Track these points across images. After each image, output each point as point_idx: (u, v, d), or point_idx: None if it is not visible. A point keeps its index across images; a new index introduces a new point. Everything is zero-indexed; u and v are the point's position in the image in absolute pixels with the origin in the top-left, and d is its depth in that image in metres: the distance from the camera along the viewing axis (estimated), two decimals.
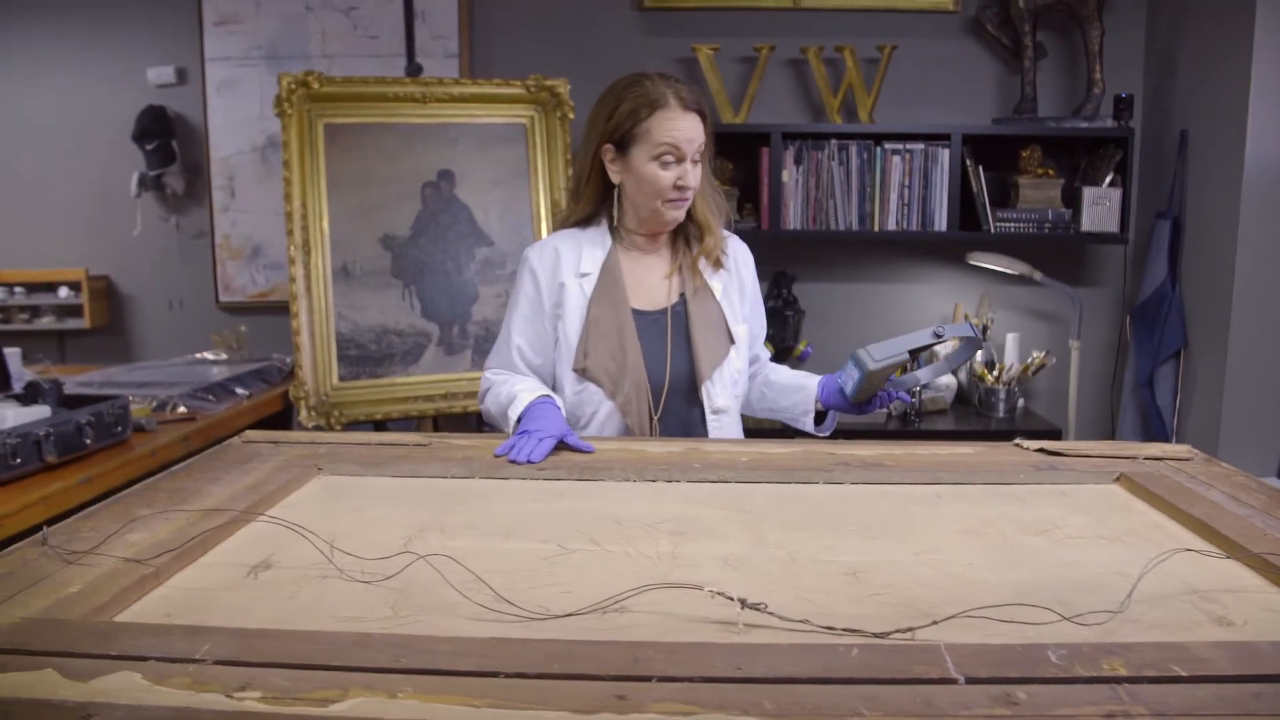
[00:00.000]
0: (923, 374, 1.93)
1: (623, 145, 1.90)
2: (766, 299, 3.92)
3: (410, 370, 3.27)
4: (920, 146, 3.60)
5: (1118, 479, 1.59)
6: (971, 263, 3.67)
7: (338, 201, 3.20)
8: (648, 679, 0.84)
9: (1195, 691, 0.85)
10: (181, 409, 2.76)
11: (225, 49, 3.94)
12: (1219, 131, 3.29)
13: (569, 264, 1.98)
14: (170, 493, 1.45)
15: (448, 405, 3.27)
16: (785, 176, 3.58)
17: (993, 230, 3.61)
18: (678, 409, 1.96)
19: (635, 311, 1.96)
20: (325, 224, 3.17)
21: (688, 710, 0.79)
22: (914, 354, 1.78)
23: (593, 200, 2.01)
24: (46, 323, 4.08)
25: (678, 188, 1.88)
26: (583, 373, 1.93)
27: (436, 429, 3.45)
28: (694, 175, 1.89)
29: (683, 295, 1.99)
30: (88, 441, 2.26)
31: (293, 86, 3.12)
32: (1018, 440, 1.81)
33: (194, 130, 4.02)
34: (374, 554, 1.16)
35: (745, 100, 3.69)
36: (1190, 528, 1.36)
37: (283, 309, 3.49)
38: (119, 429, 2.38)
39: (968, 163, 3.59)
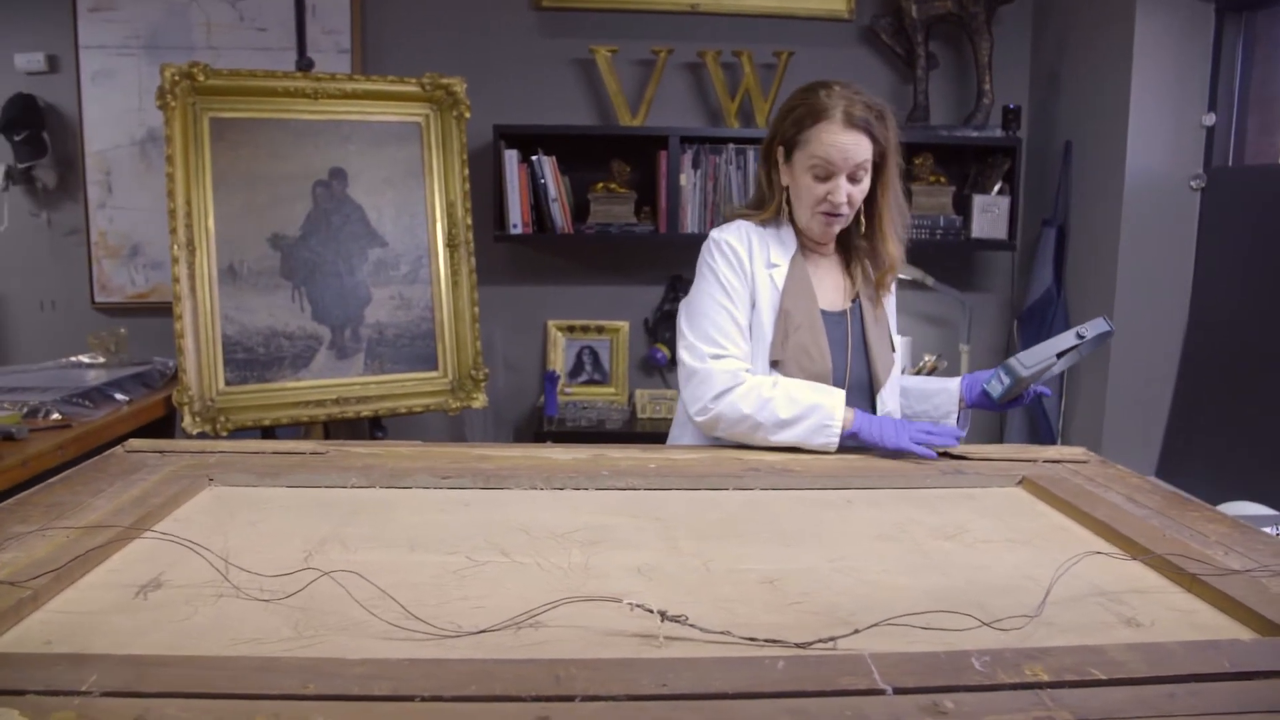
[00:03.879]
0: (1057, 365, 1.92)
1: (789, 150, 1.88)
2: (663, 303, 3.93)
3: (300, 374, 3.15)
4: None
5: (1020, 482, 1.63)
6: None
7: (224, 199, 3.06)
8: (570, 698, 0.81)
9: (1114, 694, 0.87)
10: (55, 415, 2.60)
11: (100, 36, 3.74)
12: (1101, 142, 3.42)
13: (760, 254, 1.93)
14: (46, 507, 1.36)
15: (339, 410, 3.17)
16: (683, 180, 3.58)
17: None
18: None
19: (821, 311, 1.94)
20: (210, 222, 3.03)
21: None
22: (1059, 355, 1.83)
23: (780, 199, 1.95)
24: None
25: (828, 201, 1.84)
26: (777, 365, 1.89)
27: (327, 435, 3.34)
28: (846, 193, 1.83)
29: (856, 300, 1.98)
30: None
31: (176, 78, 2.98)
32: None
33: (67, 121, 3.80)
34: (273, 570, 1.10)
35: (643, 103, 3.68)
36: (1093, 530, 1.39)
37: (165, 310, 3.32)
38: None
39: None
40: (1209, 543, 1.31)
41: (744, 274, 1.92)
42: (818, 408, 1.77)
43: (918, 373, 3.78)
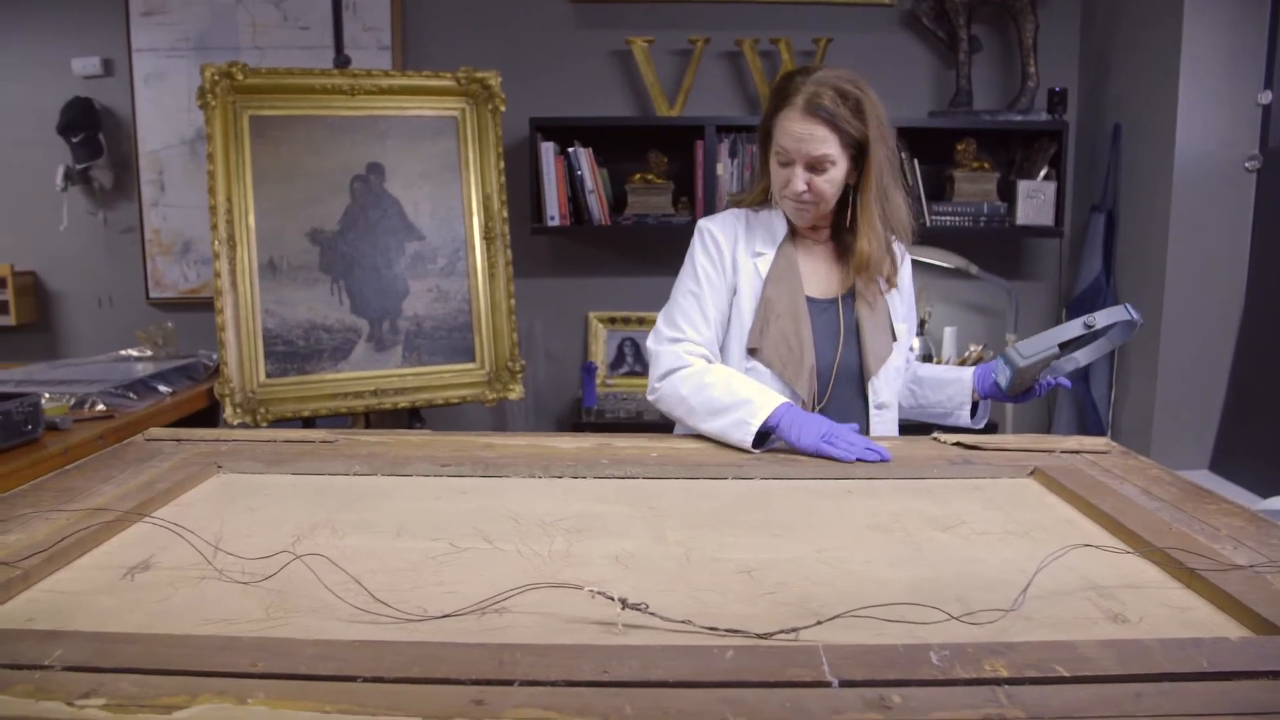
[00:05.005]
0: (1082, 356, 1.88)
1: (766, 135, 1.87)
2: None
3: (339, 366, 3.20)
4: None
5: (1032, 473, 1.59)
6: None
7: (264, 195, 3.13)
8: (509, 683, 0.81)
9: (1077, 692, 0.83)
10: (100, 406, 2.68)
11: (153, 40, 3.85)
12: (1151, 125, 3.32)
13: (745, 241, 1.93)
14: (58, 492, 1.40)
15: (377, 402, 3.21)
16: (720, 169, 3.56)
17: (928, 224, 3.62)
18: (841, 400, 1.91)
19: (808, 298, 1.91)
20: (251, 218, 3.09)
21: (545, 715, 0.76)
22: (1064, 346, 1.76)
23: (764, 182, 1.94)
24: None
25: (788, 188, 1.82)
26: (754, 353, 1.89)
27: (368, 425, 3.39)
28: (805, 181, 1.80)
29: (853, 288, 1.93)
30: None
31: (216, 78, 3.04)
32: (935, 434, 1.80)
33: (121, 123, 3.92)
34: (260, 554, 1.12)
35: (680, 93, 3.67)
36: (1099, 522, 1.35)
37: (212, 305, 3.40)
38: (29, 427, 2.31)
39: (903, 156, 3.59)
40: (1219, 537, 1.26)
41: (721, 263, 1.92)
42: (747, 403, 1.71)
43: (962, 363, 3.72)
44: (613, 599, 0.96)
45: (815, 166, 1.79)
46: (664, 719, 0.76)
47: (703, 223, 1.97)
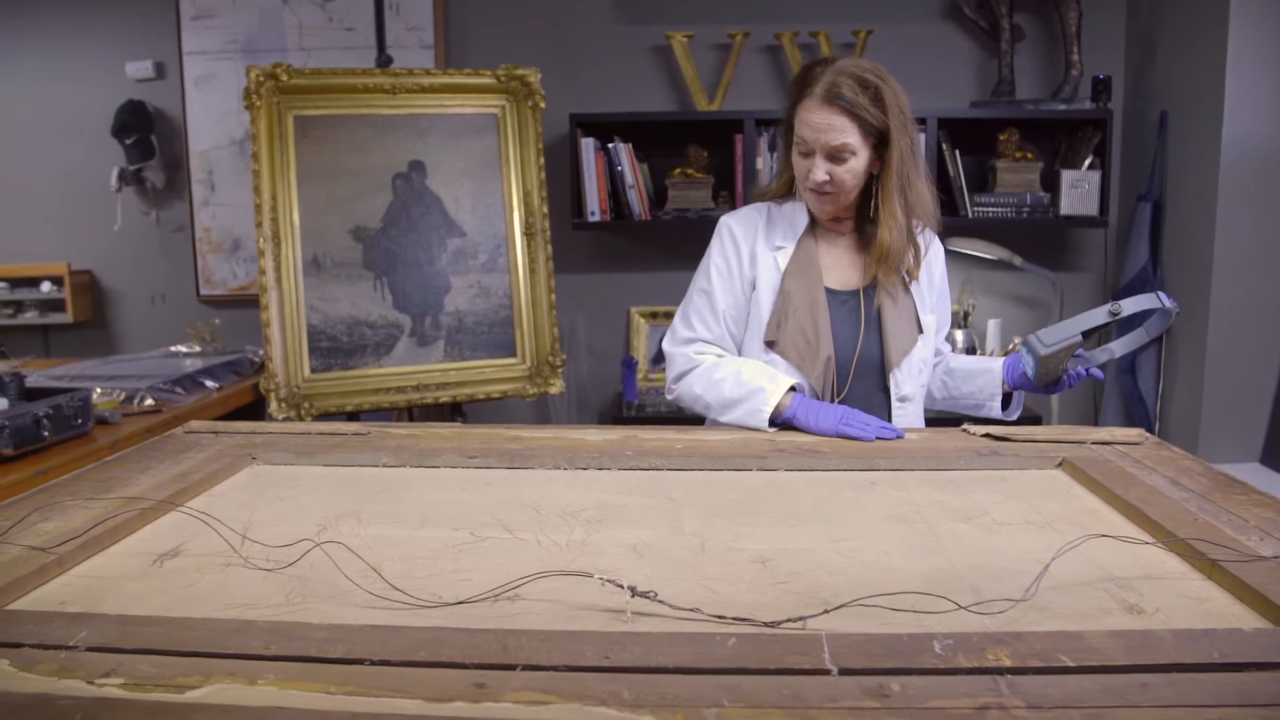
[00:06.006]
0: (1117, 346, 1.84)
1: (788, 128, 1.88)
2: None
3: (382, 362, 3.25)
4: None
5: (1060, 464, 1.57)
6: (950, 248, 3.63)
7: (308, 193, 3.18)
8: (512, 667, 0.82)
9: (1081, 682, 0.83)
10: (149, 401, 2.75)
11: (203, 43, 3.94)
12: (1197, 112, 3.25)
13: (765, 236, 1.94)
14: (97, 482, 1.44)
15: (420, 396, 3.26)
16: (759, 163, 3.56)
17: (971, 215, 3.58)
18: (862, 392, 1.91)
19: (828, 290, 1.91)
20: (295, 216, 3.15)
21: (544, 699, 0.78)
22: (1088, 334, 1.72)
23: (787, 174, 1.95)
24: (30, 317, 4.09)
25: (810, 179, 1.82)
26: (772, 345, 1.90)
27: (412, 420, 3.44)
28: (826, 171, 1.79)
29: (875, 279, 1.92)
30: (45, 434, 2.24)
31: (261, 79, 3.10)
32: (965, 426, 1.79)
33: (173, 124, 4.01)
34: (285, 542, 1.15)
35: (720, 87, 3.66)
36: (1124, 513, 1.33)
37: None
38: (79, 421, 2.37)
39: (945, 147, 3.56)
40: (1245, 528, 1.24)
41: (738, 258, 1.93)
42: (759, 391, 1.76)
43: (1006, 354, 3.67)
44: (622, 586, 0.98)
45: (835, 156, 1.78)
46: (660, 704, 0.77)
47: (724, 219, 1.98)
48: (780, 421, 1.77)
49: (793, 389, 1.81)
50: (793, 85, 1.85)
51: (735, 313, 1.94)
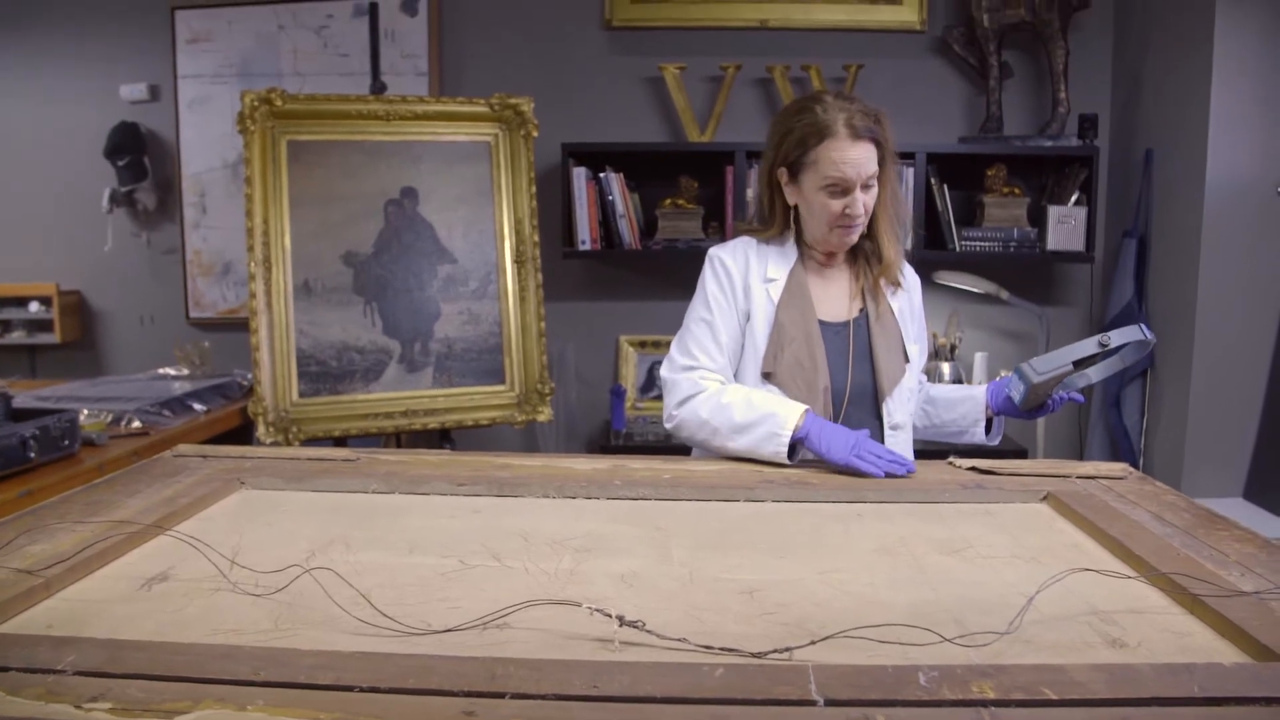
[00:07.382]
0: (1094, 373, 1.90)
1: (794, 171, 1.89)
2: None
3: (371, 387, 3.25)
4: None
5: (1044, 498, 1.59)
6: (938, 281, 3.66)
7: (300, 218, 3.20)
8: (500, 695, 0.83)
9: (1063, 715, 0.84)
10: (136, 424, 2.75)
11: (198, 66, 3.95)
12: (1182, 150, 3.30)
13: (757, 268, 1.97)
14: (85, 505, 1.44)
15: (408, 422, 3.26)
16: (749, 194, 3.58)
17: (958, 249, 3.61)
18: (856, 421, 1.93)
19: (821, 322, 1.94)
20: (287, 240, 3.16)
21: None
22: (1078, 364, 1.79)
23: (784, 219, 1.97)
24: (17, 337, 4.07)
25: (846, 215, 1.85)
26: (769, 376, 1.92)
27: (399, 446, 3.44)
28: (863, 202, 1.84)
29: (864, 311, 1.97)
30: (31, 455, 2.24)
31: (255, 104, 3.12)
32: (951, 459, 1.81)
33: (166, 146, 4.02)
34: (274, 568, 1.15)
35: (711, 119, 3.70)
36: (1107, 547, 1.35)
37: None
38: (66, 442, 2.37)
39: (933, 181, 3.60)
40: (1226, 563, 1.25)
41: (733, 290, 1.95)
42: (772, 416, 1.76)
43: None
44: (610, 616, 0.98)
45: (866, 185, 1.84)
46: None
47: (713, 251, 2.01)
48: (794, 440, 1.76)
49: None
50: (801, 131, 1.84)
51: (733, 344, 1.96)
